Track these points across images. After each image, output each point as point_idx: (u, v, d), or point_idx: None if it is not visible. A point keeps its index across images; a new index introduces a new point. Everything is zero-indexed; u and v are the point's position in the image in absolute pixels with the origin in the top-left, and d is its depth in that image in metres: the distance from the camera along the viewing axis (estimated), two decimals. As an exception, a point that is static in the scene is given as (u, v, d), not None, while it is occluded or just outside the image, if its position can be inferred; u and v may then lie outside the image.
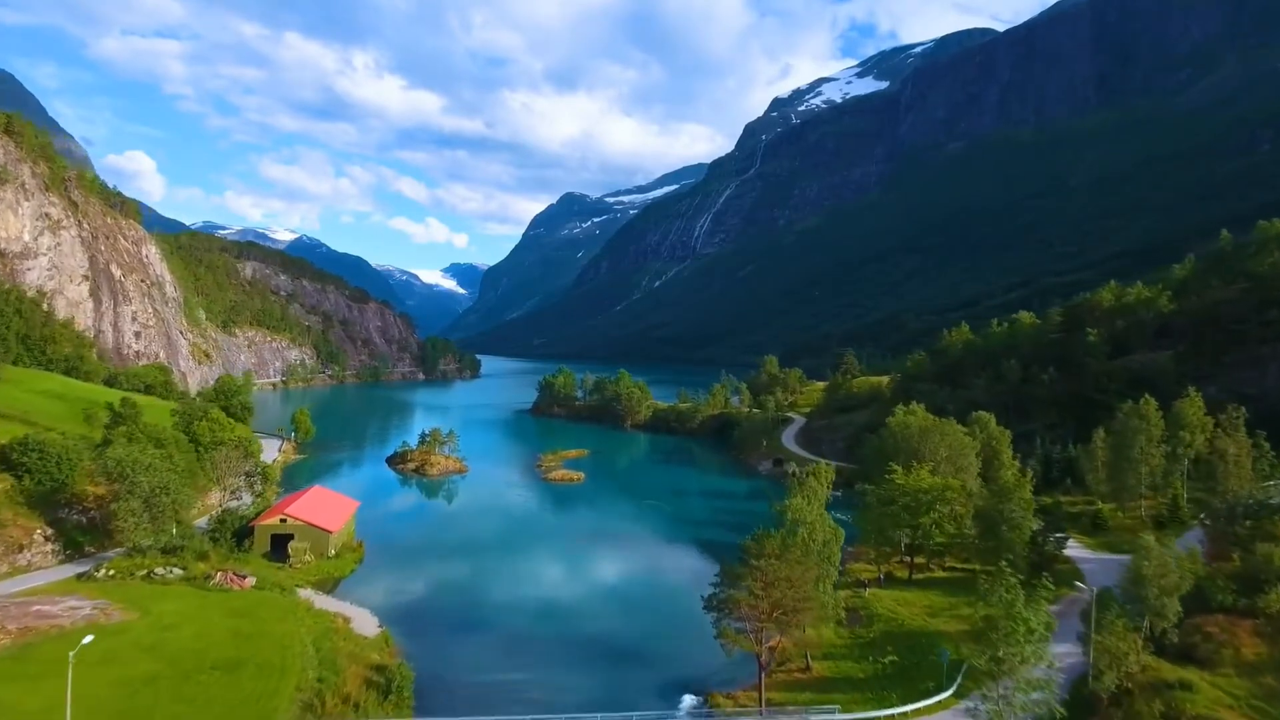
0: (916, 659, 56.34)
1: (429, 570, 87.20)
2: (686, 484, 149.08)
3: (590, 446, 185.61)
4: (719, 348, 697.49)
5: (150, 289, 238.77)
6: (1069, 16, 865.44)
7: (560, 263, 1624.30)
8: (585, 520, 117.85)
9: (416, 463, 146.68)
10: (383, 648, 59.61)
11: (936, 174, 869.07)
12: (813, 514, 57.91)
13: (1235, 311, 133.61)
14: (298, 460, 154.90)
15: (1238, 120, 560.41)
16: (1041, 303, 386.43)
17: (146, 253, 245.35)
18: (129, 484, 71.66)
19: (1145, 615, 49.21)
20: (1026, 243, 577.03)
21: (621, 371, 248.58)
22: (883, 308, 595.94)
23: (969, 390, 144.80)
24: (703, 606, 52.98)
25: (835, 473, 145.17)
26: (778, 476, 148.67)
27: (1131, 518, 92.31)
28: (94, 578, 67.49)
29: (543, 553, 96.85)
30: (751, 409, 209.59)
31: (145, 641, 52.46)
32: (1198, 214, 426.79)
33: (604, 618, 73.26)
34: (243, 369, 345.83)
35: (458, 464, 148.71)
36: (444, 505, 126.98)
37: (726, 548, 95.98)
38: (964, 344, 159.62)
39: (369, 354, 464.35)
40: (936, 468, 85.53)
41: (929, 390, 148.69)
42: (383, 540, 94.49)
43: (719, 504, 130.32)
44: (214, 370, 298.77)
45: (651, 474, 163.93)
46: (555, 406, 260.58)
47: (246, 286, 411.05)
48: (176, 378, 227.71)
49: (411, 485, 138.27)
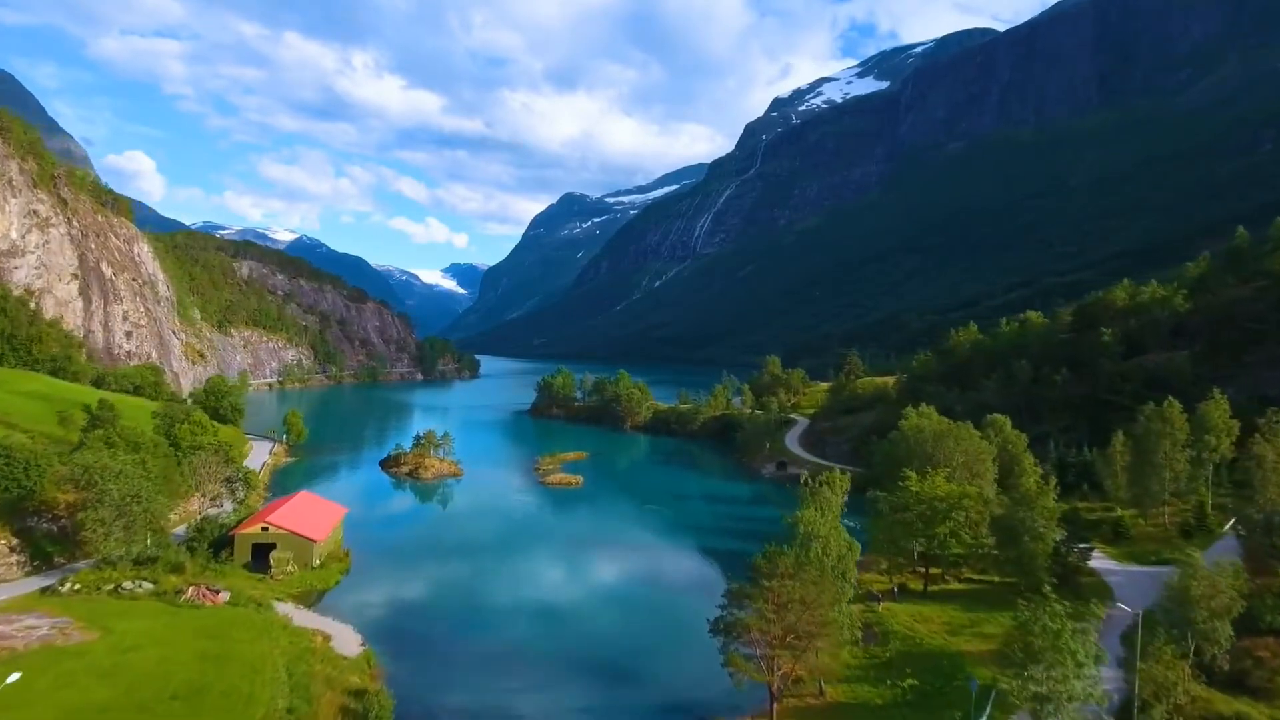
0: (939, 683, 52.16)
1: (418, 581, 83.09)
2: (688, 488, 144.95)
3: (589, 449, 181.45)
4: (719, 348, 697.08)
5: (142, 288, 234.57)
6: (1070, 16, 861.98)
7: (560, 263, 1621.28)
8: (583, 526, 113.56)
9: (410, 466, 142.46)
10: (364, 669, 55.48)
11: (937, 174, 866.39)
12: (826, 526, 53.71)
13: (1253, 310, 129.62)
14: (289, 463, 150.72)
15: (1238, 120, 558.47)
16: (1043, 303, 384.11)
17: (138, 251, 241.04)
18: (97, 492, 67.52)
19: (1192, 639, 45.05)
20: (1026, 243, 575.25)
21: (621, 372, 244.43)
22: (883, 308, 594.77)
23: (979, 392, 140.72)
24: (709, 631, 48.76)
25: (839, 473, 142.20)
26: (781, 480, 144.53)
27: (1154, 525, 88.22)
28: (58, 592, 63.35)
29: (538, 561, 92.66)
30: (754, 410, 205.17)
31: (103, 665, 48.30)
32: (1199, 214, 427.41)
33: (602, 633, 69.17)
34: (238, 369, 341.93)
35: (453, 467, 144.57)
36: (437, 510, 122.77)
37: (731, 556, 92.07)
38: (972, 344, 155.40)
39: (367, 354, 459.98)
40: (952, 474, 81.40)
41: (937, 392, 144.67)
42: (371, 548, 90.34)
43: (722, 509, 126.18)
44: (208, 370, 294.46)
45: (652, 477, 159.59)
46: (554, 408, 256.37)
47: (243, 286, 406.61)
48: (169, 378, 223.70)
49: (404, 489, 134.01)
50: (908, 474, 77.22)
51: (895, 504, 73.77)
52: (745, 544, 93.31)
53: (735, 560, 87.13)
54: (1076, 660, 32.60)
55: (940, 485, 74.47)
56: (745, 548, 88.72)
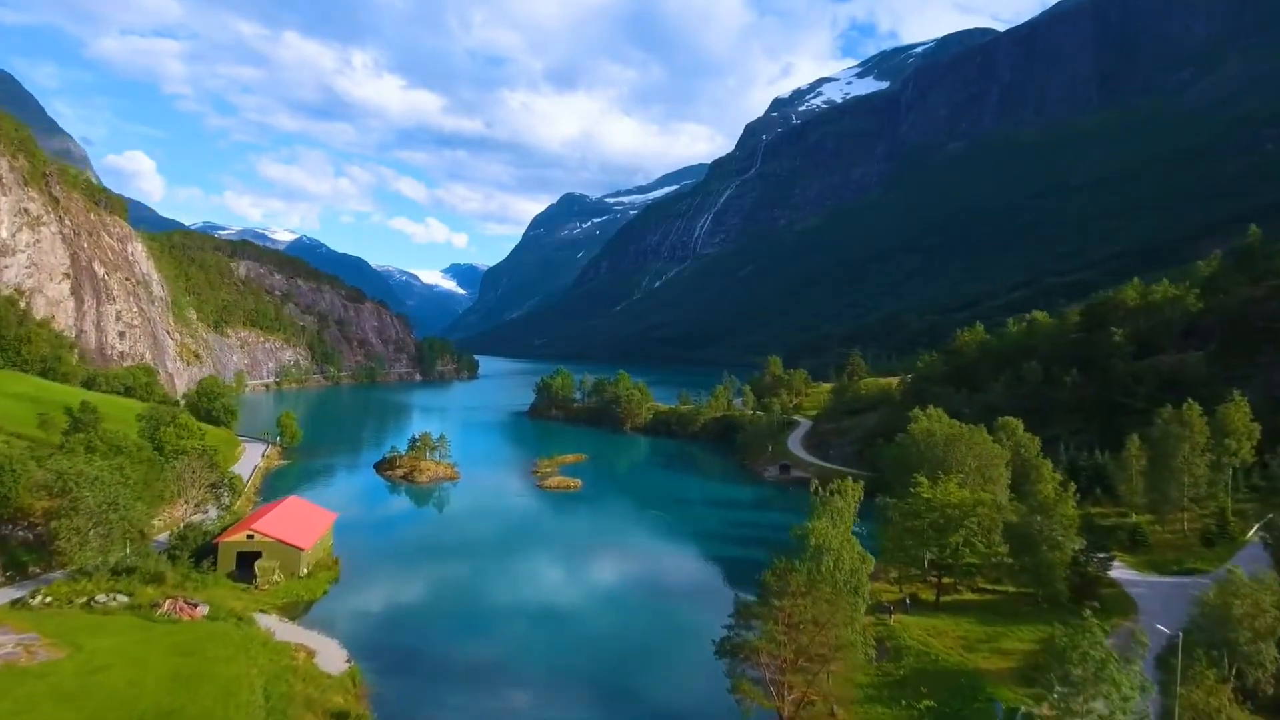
0: (957, 705, 49.10)
1: (409, 590, 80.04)
2: (689, 491, 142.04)
3: (589, 451, 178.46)
4: (719, 348, 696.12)
5: (136, 287, 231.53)
6: (1070, 15, 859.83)
7: (560, 263, 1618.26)
8: (582, 531, 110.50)
9: (405, 469, 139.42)
10: (348, 689, 52.39)
11: (937, 174, 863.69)
12: (839, 538, 50.61)
13: (1267, 310, 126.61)
14: (283, 466, 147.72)
15: (1241, 119, 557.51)
16: (1045, 302, 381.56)
17: (132, 250, 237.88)
18: (72, 499, 64.46)
19: (1233, 662, 42.04)
20: (1027, 242, 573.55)
21: (621, 373, 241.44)
22: (883, 308, 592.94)
23: (986, 393, 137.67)
24: (715, 653, 45.66)
25: (842, 477, 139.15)
26: (785, 483, 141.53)
27: (1172, 533, 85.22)
28: (29, 605, 60.28)
29: (535, 568, 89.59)
30: (755, 411, 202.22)
31: (68, 688, 45.22)
32: (1201, 214, 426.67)
33: (601, 645, 66.10)
34: (235, 370, 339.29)
35: (449, 470, 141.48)
36: (431, 514, 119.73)
37: (735, 563, 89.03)
38: (979, 344, 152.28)
39: (365, 354, 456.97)
40: (965, 480, 78.30)
41: (943, 393, 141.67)
42: (362, 555, 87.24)
43: (724, 514, 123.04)
44: (204, 371, 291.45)
45: (652, 480, 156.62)
46: (553, 409, 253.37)
47: (240, 286, 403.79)
48: (163, 379, 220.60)
49: (400, 493, 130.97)
50: (919, 479, 74.16)
51: (906, 511, 70.68)
52: (749, 550, 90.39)
53: (739, 567, 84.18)
54: (1122, 694, 29.66)
55: (953, 491, 71.40)
56: (749, 554, 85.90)
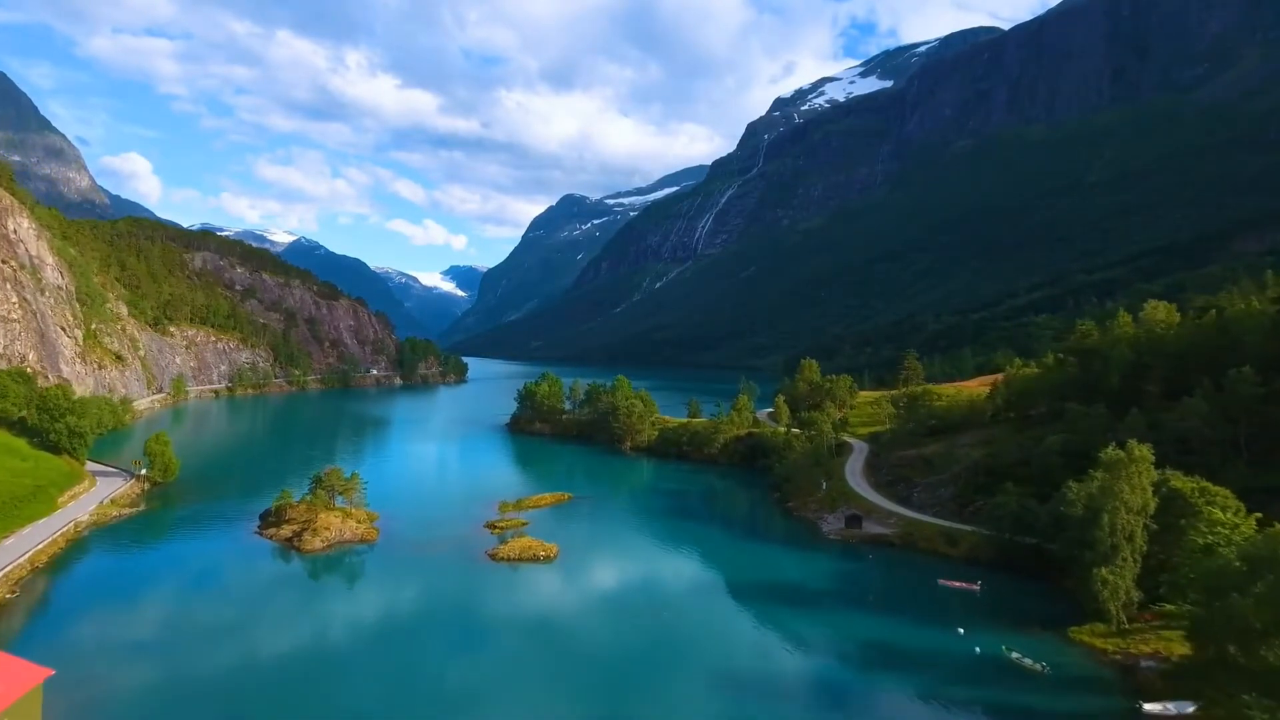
0: None
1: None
2: (717, 558, 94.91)
3: (575, 484, 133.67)
4: (722, 350, 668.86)
5: (18, 273, 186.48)
6: (1081, 11, 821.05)
7: (559, 265, 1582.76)
8: (541, 671, 61.39)
9: (297, 526, 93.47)
10: None
11: (946, 172, 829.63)
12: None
13: None
14: (128, 515, 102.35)
15: (1263, 114, 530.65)
16: (1075, 302, 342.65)
17: (15, 227, 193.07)
18: None
19: None
20: (1044, 241, 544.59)
21: (619, 379, 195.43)
22: (894, 309, 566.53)
23: (1155, 412, 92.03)
24: None
25: (949, 539, 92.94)
26: (855, 542, 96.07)
27: None
28: None
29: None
30: (789, 429, 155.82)
31: None
32: (1229, 208, 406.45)
33: None
34: (175, 373, 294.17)
35: (362, 527, 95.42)
36: (273, 641, 68.79)
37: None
38: (1129, 342, 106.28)
39: (338, 356, 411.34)
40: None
41: (1087, 413, 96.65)
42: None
43: (785, 618, 73.30)
44: (126, 376, 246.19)
45: (660, 536, 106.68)
46: (537, 422, 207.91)
47: (194, 279, 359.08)
48: (49, 385, 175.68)
49: (263, 570, 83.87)
50: None
51: None
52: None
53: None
54: None
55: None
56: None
